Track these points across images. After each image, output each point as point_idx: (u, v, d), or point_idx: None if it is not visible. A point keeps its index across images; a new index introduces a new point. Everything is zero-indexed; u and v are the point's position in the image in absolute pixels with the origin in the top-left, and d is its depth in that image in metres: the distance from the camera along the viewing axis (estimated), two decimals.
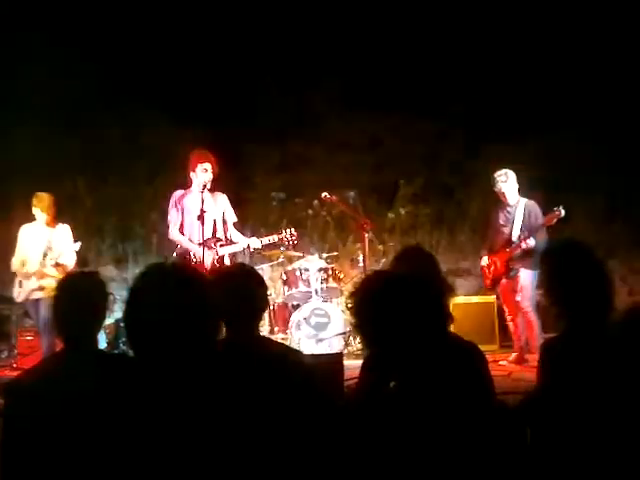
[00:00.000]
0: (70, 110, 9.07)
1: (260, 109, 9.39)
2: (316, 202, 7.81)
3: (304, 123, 9.38)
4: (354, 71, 9.45)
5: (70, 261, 6.58)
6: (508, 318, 6.64)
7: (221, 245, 6.17)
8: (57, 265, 6.47)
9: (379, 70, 9.43)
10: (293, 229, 6.51)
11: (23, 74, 8.92)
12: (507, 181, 6.44)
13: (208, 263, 5.98)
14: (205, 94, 9.26)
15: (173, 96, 9.21)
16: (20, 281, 6.53)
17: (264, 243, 6.34)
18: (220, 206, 6.30)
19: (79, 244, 6.64)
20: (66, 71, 8.86)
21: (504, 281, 6.52)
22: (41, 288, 6.40)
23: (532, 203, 6.47)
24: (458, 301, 7.52)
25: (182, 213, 6.20)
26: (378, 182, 9.45)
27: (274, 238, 6.38)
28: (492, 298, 7.52)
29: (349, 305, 2.19)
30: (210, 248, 6.06)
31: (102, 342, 7.36)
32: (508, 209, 6.52)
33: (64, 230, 6.65)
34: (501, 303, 6.91)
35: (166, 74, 9.29)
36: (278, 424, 2.17)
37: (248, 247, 6.33)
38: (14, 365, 7.40)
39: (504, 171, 6.48)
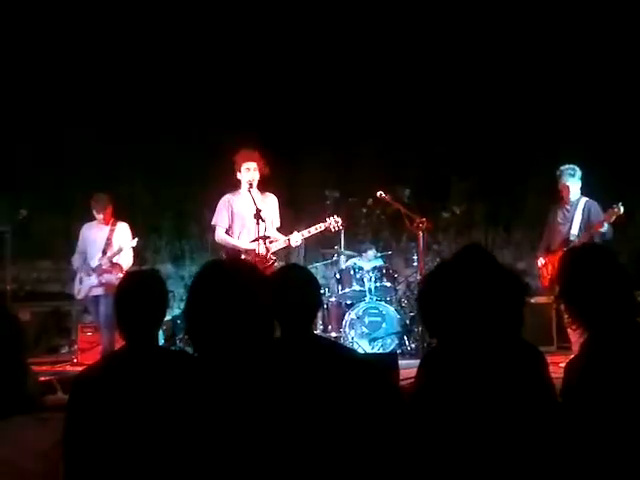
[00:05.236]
0: (127, 112, 9.25)
1: (311, 107, 9.39)
2: (370, 200, 7.75)
3: (355, 120, 9.34)
4: (400, 67, 9.38)
5: (128, 258, 6.73)
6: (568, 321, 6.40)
7: (270, 242, 5.93)
8: (116, 262, 6.63)
9: (428, 64, 9.33)
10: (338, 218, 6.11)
11: (76, 77, 9.15)
12: (574, 175, 6.25)
13: (259, 260, 5.73)
14: (256, 93, 9.33)
15: (226, 96, 9.30)
16: (81, 278, 6.72)
17: (311, 233, 6.04)
18: (269, 207, 6.12)
19: (136, 240, 6.77)
20: (119, 72, 9.07)
21: None
22: (101, 285, 6.57)
23: (593, 202, 6.25)
24: None
25: (232, 216, 6.07)
26: (431, 179, 9.36)
27: (320, 227, 6.04)
28: (550, 299, 7.37)
29: (420, 291, 2.18)
30: (259, 245, 5.85)
31: (160, 339, 7.49)
32: (567, 207, 6.32)
33: (123, 228, 6.79)
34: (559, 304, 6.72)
35: (218, 76, 9.39)
36: (335, 420, 2.17)
37: (289, 243, 6.03)
38: (74, 360, 7.63)
39: (571, 165, 6.29)
